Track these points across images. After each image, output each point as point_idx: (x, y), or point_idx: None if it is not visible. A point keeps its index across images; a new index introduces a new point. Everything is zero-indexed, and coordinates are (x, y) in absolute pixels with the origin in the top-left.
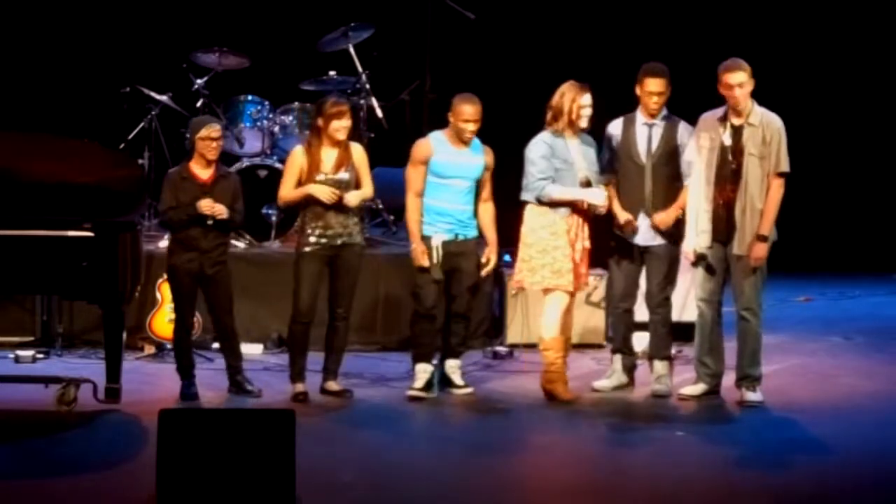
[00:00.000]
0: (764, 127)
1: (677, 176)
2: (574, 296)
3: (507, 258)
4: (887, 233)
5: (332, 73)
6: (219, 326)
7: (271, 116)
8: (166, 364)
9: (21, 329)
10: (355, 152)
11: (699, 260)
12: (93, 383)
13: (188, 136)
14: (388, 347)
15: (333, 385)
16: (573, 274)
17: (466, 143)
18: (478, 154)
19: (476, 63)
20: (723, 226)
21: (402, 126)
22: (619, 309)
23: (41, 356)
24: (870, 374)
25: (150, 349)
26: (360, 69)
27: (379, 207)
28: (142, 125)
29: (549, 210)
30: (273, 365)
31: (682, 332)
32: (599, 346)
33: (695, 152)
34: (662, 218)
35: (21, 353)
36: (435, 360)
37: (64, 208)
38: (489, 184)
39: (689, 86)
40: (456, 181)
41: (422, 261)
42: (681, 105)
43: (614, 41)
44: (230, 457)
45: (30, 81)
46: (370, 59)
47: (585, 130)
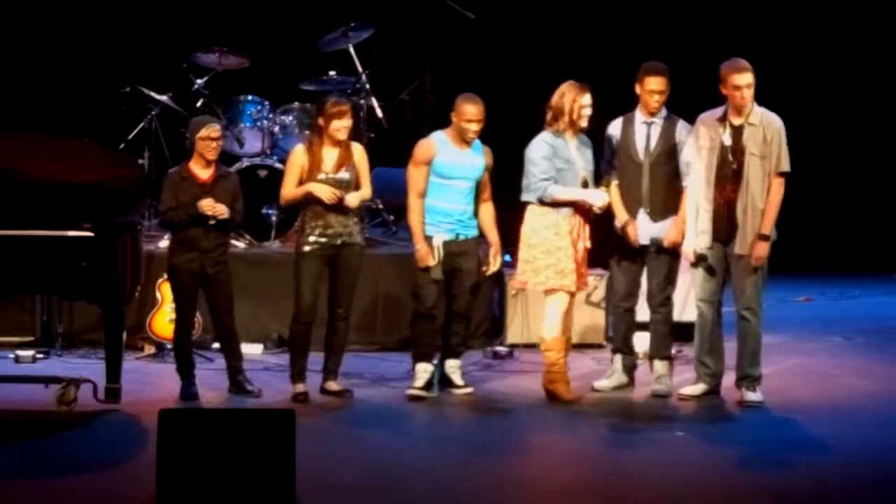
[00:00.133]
0: (764, 126)
1: (676, 175)
2: (574, 296)
3: (508, 258)
4: (887, 233)
5: (332, 73)
6: (219, 326)
7: (271, 116)
8: (166, 364)
9: (21, 329)
10: (356, 152)
11: (699, 260)
12: (93, 383)
13: (188, 136)
14: (388, 347)
15: (333, 385)
16: (575, 274)
17: (469, 144)
18: (479, 154)
19: (476, 63)
20: (724, 226)
21: (402, 126)
22: (621, 308)
23: (41, 356)
24: (870, 374)
25: (150, 349)
26: (360, 69)
27: (379, 207)
28: (142, 125)
29: (552, 210)
30: (273, 365)
31: (682, 332)
32: (600, 346)
33: (693, 152)
34: (671, 238)
35: (21, 353)
36: (435, 360)
37: (64, 208)
38: (489, 184)
39: (689, 86)
40: (458, 182)
41: (427, 261)
42: (681, 105)
43: (614, 41)
44: (230, 457)
45: (30, 81)
46: (370, 59)
47: (585, 130)
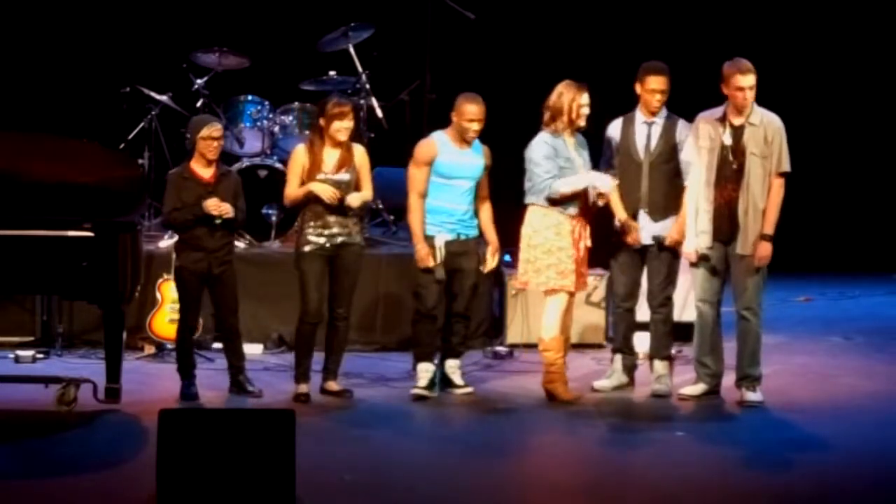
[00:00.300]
0: (765, 126)
1: (676, 174)
2: (574, 296)
3: (508, 258)
4: (887, 233)
5: (332, 73)
6: (223, 326)
7: (271, 116)
8: (166, 364)
9: (21, 329)
10: (357, 154)
11: (700, 260)
12: (93, 383)
13: (188, 136)
14: (388, 347)
15: (333, 385)
16: (575, 274)
17: (469, 143)
18: (479, 154)
19: (476, 63)
20: (725, 226)
21: (402, 126)
22: (622, 308)
23: (41, 356)
24: (870, 374)
25: (150, 349)
26: (360, 69)
27: (379, 207)
28: (142, 125)
29: (554, 210)
30: (273, 365)
31: (682, 332)
32: (599, 346)
33: (693, 152)
34: (674, 236)
35: (21, 353)
36: (435, 360)
37: (64, 208)
38: (487, 183)
39: (689, 86)
40: (459, 181)
41: (428, 262)
42: (681, 105)
43: (614, 41)
44: (230, 457)
45: (30, 81)
46: (370, 59)
47: (584, 130)
